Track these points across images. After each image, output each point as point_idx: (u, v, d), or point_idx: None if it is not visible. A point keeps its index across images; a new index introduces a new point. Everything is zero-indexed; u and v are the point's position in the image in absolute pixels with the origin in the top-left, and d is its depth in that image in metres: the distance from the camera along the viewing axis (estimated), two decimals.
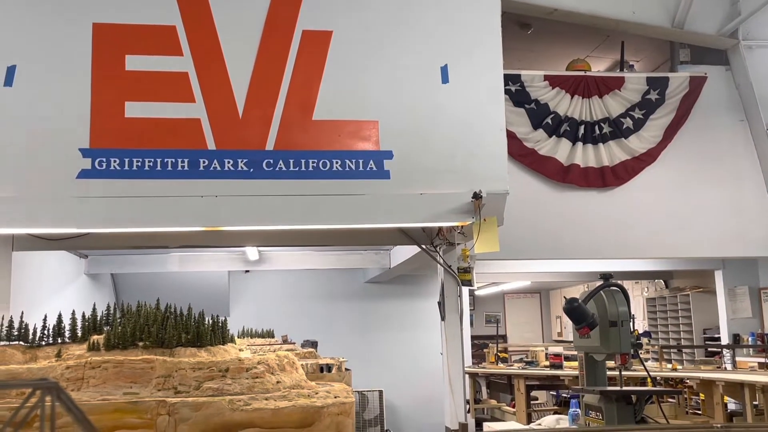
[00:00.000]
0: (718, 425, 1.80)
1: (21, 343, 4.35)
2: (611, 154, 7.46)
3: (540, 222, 7.13)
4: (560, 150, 7.39)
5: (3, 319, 4.37)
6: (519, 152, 7.17)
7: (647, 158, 7.55)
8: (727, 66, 7.94)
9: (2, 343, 4.26)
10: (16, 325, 4.34)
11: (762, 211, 7.62)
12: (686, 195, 7.58)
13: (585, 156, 7.41)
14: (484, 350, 9.81)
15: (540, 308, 14.70)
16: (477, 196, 4.98)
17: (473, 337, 11.02)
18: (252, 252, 8.40)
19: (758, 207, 7.62)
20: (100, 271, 8.97)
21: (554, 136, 7.40)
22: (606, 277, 4.20)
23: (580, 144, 7.41)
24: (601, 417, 4.02)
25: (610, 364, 4.52)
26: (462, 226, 5.37)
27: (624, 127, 7.52)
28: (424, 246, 6.16)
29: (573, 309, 3.93)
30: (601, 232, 7.34)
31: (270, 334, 6.81)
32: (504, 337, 13.51)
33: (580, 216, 7.35)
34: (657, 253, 7.88)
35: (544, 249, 7.32)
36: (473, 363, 9.62)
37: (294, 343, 6.81)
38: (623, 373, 4.39)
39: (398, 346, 10.39)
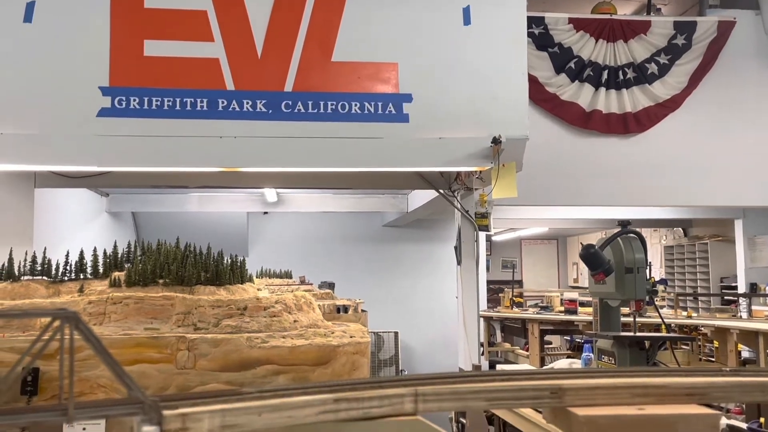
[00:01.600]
0: (728, 369, 1.82)
1: (44, 278, 4.42)
2: (634, 100, 7.36)
3: (559, 168, 7.08)
4: (582, 95, 7.30)
5: (26, 254, 4.44)
6: (540, 97, 7.09)
7: (671, 105, 7.45)
8: (757, 11, 7.75)
9: (26, 277, 4.32)
10: (39, 260, 4.40)
11: None
12: (709, 143, 7.49)
13: (608, 102, 7.31)
14: (500, 295, 9.88)
15: (557, 255, 14.73)
16: (496, 141, 4.96)
17: (489, 282, 11.10)
18: (270, 194, 8.45)
19: None
20: (121, 210, 9.06)
21: (577, 81, 7.30)
22: (624, 224, 4.19)
23: (603, 89, 7.31)
24: (613, 362, 4.06)
25: (625, 310, 4.56)
26: (480, 171, 5.36)
27: (648, 72, 7.40)
28: (441, 191, 6.18)
29: (589, 255, 3.94)
30: (621, 179, 7.29)
31: (288, 275, 6.89)
32: (520, 283, 13.59)
33: (600, 163, 7.29)
34: (677, 202, 7.84)
35: (563, 195, 7.29)
36: (488, 307, 9.69)
37: (311, 285, 6.88)
38: (637, 319, 4.42)
39: (414, 289, 10.46)
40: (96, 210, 8.24)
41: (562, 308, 8.33)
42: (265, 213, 10.29)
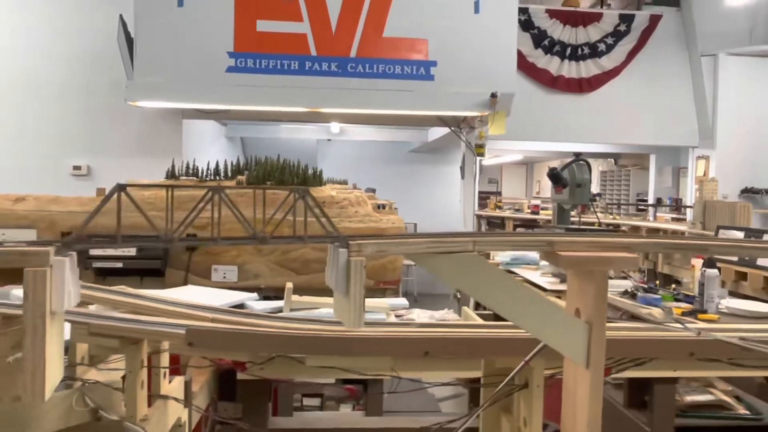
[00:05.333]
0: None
1: (193, 178, 4.59)
2: (588, 69, 7.27)
3: (533, 115, 7.07)
4: (552, 64, 7.22)
5: (181, 163, 4.62)
6: (523, 65, 7.01)
7: (613, 73, 7.34)
8: (678, 8, 7.53)
9: (183, 177, 4.49)
10: (190, 166, 4.57)
11: (686, 115, 7.50)
12: (636, 100, 7.42)
13: (569, 70, 7.23)
14: (487, 200, 9.99)
15: (526, 175, 14.71)
16: (494, 95, 5.00)
17: (479, 192, 11.18)
18: (335, 127, 8.52)
19: (684, 112, 7.50)
20: (233, 135, 9.19)
21: (548, 54, 7.20)
22: (577, 154, 4.28)
23: (566, 61, 7.22)
24: None
25: (573, 213, 4.69)
26: (481, 116, 5.41)
27: (599, 49, 7.27)
28: (452, 128, 6.23)
29: (553, 174, 4.05)
30: (575, 123, 7.29)
31: (345, 183, 7.04)
32: (499, 193, 13.66)
33: (561, 112, 7.28)
34: (611, 140, 7.83)
35: (534, 133, 7.31)
36: (479, 208, 9.83)
37: (360, 189, 7.04)
38: (581, 218, 4.56)
39: (429, 196, 10.57)
40: (218, 135, 8.37)
41: (529, 210, 8.45)
42: (329, 140, 10.35)
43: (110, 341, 1.39)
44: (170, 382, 1.71)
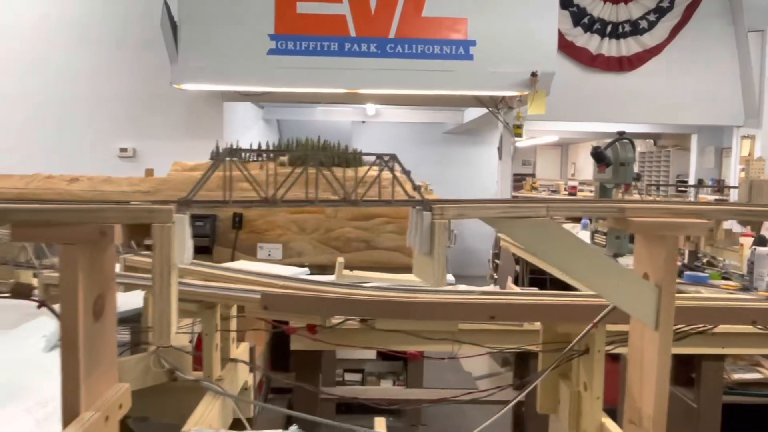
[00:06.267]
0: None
1: (236, 159, 4.70)
2: (629, 47, 7.10)
3: (571, 95, 6.96)
4: (591, 43, 7.08)
5: (225, 143, 4.74)
6: (561, 44, 6.84)
7: (655, 51, 7.16)
8: None
9: (226, 159, 4.59)
10: (234, 147, 4.67)
11: (731, 93, 7.28)
12: (679, 79, 7.24)
13: (609, 48, 7.08)
14: (522, 182, 9.94)
15: (560, 157, 14.50)
16: (534, 74, 4.96)
17: (513, 174, 11.09)
18: (370, 108, 8.53)
19: (729, 90, 7.28)
20: (270, 117, 9.28)
21: (588, 32, 7.06)
22: (621, 133, 4.23)
23: (607, 39, 7.07)
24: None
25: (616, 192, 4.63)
26: (520, 95, 5.38)
27: (640, 27, 7.10)
28: (490, 108, 6.21)
29: (597, 153, 4.02)
30: (614, 103, 7.16)
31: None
32: (533, 175, 13.53)
33: (600, 91, 7.15)
34: (653, 120, 7.66)
35: (572, 113, 7.21)
36: (514, 189, 9.78)
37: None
38: (624, 197, 4.51)
39: (464, 177, 10.51)
40: (256, 117, 8.48)
41: (566, 192, 8.38)
42: (363, 122, 10.36)
43: (189, 305, 1.48)
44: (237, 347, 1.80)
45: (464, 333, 1.53)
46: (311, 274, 3.21)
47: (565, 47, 7.02)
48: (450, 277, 2.79)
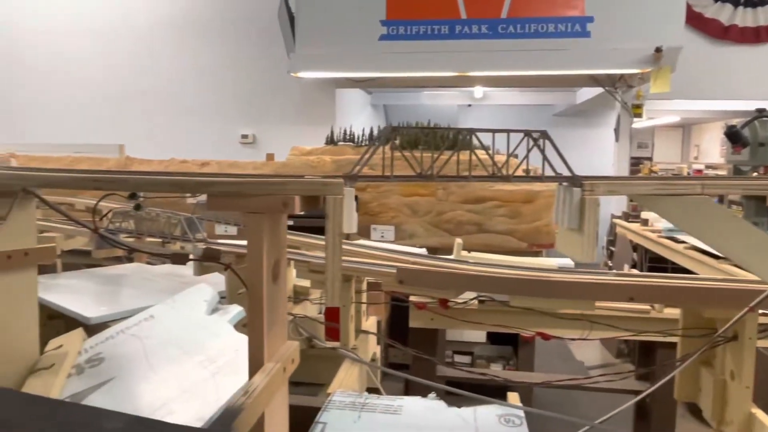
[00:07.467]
0: None
1: (350, 143, 4.84)
2: (767, 15, 6.46)
3: (697, 70, 6.47)
4: (723, 13, 6.51)
5: (339, 129, 4.89)
6: (690, 15, 6.38)
7: None
8: None
9: (340, 143, 4.76)
10: (347, 132, 4.82)
11: None
12: None
13: (744, 18, 6.47)
14: (639, 166, 9.36)
15: (682, 138, 13.49)
16: (658, 50, 4.66)
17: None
18: (478, 91, 8.44)
19: None
20: (377, 103, 9.46)
21: (719, 2, 6.50)
22: (760, 111, 3.88)
23: (741, 8, 6.47)
24: (741, 209, 3.90)
25: (752, 174, 4.28)
26: (642, 73, 5.07)
27: None
28: (607, 87, 5.92)
29: (732, 132, 3.72)
30: (749, 78, 6.56)
31: (488, 148, 6.97)
32: (650, 159, 12.69)
33: (732, 66, 6.57)
34: None
35: (698, 91, 6.70)
36: (630, 173, 9.25)
37: (503, 154, 6.93)
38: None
39: (576, 161, 9.98)
40: (364, 103, 8.67)
41: (689, 175, 7.82)
42: (469, 105, 10.27)
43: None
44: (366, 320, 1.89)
45: (591, 318, 1.51)
46: None
47: (693, 19, 6.51)
48: (568, 261, 2.73)
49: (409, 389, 2.54)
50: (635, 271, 1.90)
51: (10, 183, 1.04)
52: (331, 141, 4.74)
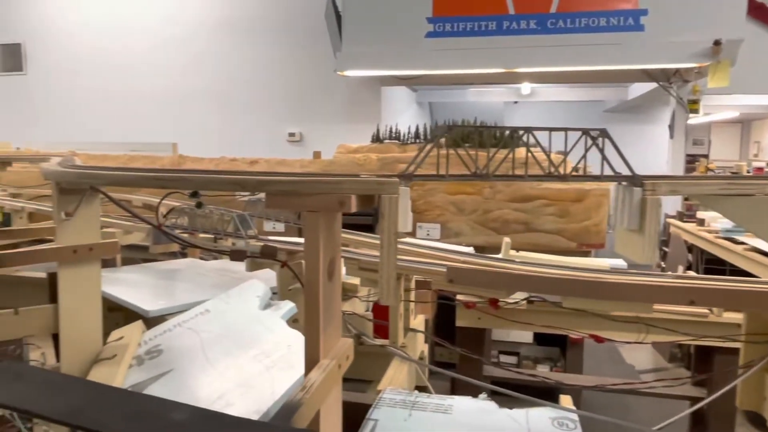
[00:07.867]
0: None
1: (396, 141, 4.84)
2: None
3: (760, 63, 6.17)
4: None
5: (385, 127, 4.90)
6: (751, 6, 6.09)
7: None
8: None
9: (386, 141, 4.76)
10: (393, 130, 4.83)
11: None
12: None
13: None
14: (695, 164, 9.02)
15: (740, 135, 12.91)
16: (717, 43, 4.48)
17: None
18: (525, 88, 8.30)
19: None
20: (423, 100, 9.42)
21: None
22: None
23: None
24: None
25: None
26: (699, 67, 4.88)
27: None
28: (661, 82, 5.72)
29: None
30: None
31: (535, 146, 6.83)
32: (707, 156, 12.21)
33: None
34: None
35: (761, 85, 6.39)
36: (686, 171, 8.92)
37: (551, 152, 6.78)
38: None
39: (629, 158, 9.86)
40: (409, 101, 8.66)
41: (750, 173, 7.47)
42: (515, 102, 10.11)
43: (376, 275, 1.59)
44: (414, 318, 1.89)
45: (647, 321, 1.47)
46: None
47: (755, 9, 6.21)
48: (621, 262, 2.66)
49: (456, 388, 2.53)
50: (693, 273, 1.84)
51: (79, 181, 1.09)
52: (377, 139, 4.76)
